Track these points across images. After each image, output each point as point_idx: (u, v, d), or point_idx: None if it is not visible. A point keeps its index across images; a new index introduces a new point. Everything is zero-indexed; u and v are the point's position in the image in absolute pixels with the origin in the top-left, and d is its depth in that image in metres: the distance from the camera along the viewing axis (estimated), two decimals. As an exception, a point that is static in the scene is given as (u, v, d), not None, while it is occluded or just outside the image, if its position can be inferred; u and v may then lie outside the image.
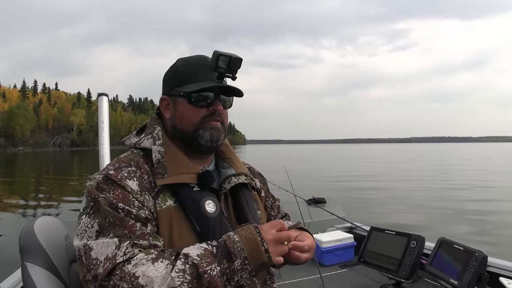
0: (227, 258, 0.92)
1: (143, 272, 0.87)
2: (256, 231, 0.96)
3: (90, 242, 0.94)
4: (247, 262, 0.93)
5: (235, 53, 1.06)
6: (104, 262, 0.90)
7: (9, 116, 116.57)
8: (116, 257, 0.90)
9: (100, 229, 0.94)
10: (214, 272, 0.90)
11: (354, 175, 21.65)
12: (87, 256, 0.93)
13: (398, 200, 12.04)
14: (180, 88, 1.11)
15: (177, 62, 1.16)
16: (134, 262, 0.90)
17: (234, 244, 0.94)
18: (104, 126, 2.11)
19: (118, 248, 0.91)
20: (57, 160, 49.77)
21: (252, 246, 0.94)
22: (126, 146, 1.20)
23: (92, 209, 0.97)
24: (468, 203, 11.23)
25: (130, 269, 0.88)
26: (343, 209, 3.18)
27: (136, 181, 1.02)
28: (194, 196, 1.05)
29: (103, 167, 1.09)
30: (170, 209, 1.02)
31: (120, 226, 0.94)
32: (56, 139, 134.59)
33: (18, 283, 1.77)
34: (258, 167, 1.40)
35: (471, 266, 1.94)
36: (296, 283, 2.43)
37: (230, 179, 1.15)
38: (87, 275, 0.91)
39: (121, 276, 0.88)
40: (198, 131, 1.10)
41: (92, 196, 0.98)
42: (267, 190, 1.36)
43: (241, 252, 0.93)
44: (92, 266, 0.91)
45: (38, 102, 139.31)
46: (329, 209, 2.33)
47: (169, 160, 1.07)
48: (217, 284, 0.90)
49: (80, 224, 0.97)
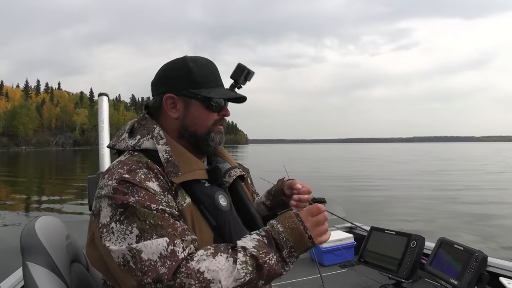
0: (277, 248, 0.97)
1: (207, 267, 0.88)
2: (298, 219, 1.00)
3: (137, 245, 0.90)
4: (293, 250, 0.98)
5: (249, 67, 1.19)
6: (163, 261, 0.88)
7: (12, 115, 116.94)
8: (177, 254, 0.90)
9: (140, 233, 0.91)
10: (272, 261, 0.94)
11: (354, 175, 21.64)
12: (137, 259, 0.89)
13: (398, 200, 12.03)
14: (197, 90, 1.10)
15: (187, 61, 1.13)
16: (196, 258, 0.90)
17: (279, 235, 0.98)
18: (104, 126, 2.12)
19: (173, 245, 0.90)
20: (60, 160, 49.89)
21: (296, 235, 0.98)
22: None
23: (124, 215, 0.93)
24: (468, 203, 11.21)
25: (194, 265, 0.89)
26: (343, 209, 3.18)
27: (155, 182, 1.00)
28: (208, 191, 1.09)
29: (104, 169, 1.08)
30: (190, 206, 1.04)
31: (162, 225, 0.92)
32: (59, 138, 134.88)
33: (19, 282, 1.76)
34: (260, 167, 1.43)
35: (471, 266, 1.94)
36: (296, 283, 2.43)
37: (229, 172, 1.20)
38: (145, 279, 0.87)
39: (187, 273, 0.87)
40: (210, 134, 1.14)
41: (119, 202, 0.94)
42: (250, 178, 1.43)
43: (287, 243, 0.97)
44: (148, 268, 0.88)
45: (41, 102, 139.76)
46: (329, 209, 2.33)
47: (177, 158, 1.08)
48: (275, 271, 0.95)
49: (114, 234, 0.93)
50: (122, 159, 1.06)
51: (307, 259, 2.87)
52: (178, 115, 1.12)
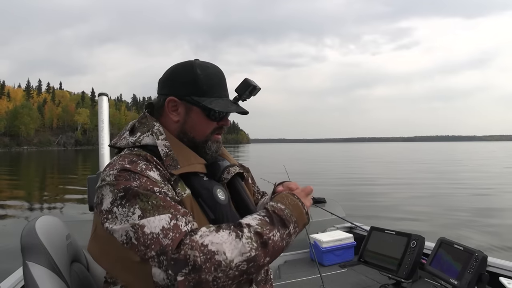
0: (281, 225, 0.99)
1: (210, 241, 0.88)
2: (295, 197, 1.07)
3: (139, 221, 0.89)
4: (296, 225, 1.02)
5: (255, 81, 1.17)
6: (165, 233, 0.87)
7: (13, 115, 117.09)
8: (180, 227, 0.90)
9: (143, 213, 0.91)
10: (276, 238, 0.96)
11: (355, 175, 21.60)
12: (140, 234, 0.88)
13: (398, 199, 11.99)
14: (200, 98, 1.12)
15: (195, 67, 1.14)
16: (199, 233, 0.90)
17: (283, 211, 1.01)
18: (104, 125, 2.13)
19: (176, 219, 0.91)
20: (61, 159, 49.95)
21: (298, 211, 1.04)
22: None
23: (126, 198, 0.93)
24: (468, 203, 11.18)
25: (197, 239, 0.88)
26: (343, 209, 3.18)
27: (156, 172, 1.02)
28: (206, 184, 1.10)
29: (104, 166, 1.08)
30: (190, 198, 1.06)
31: (164, 206, 0.93)
32: (60, 138, 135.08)
33: (19, 282, 1.77)
34: (260, 167, 1.44)
35: (471, 266, 1.94)
36: (296, 283, 2.43)
37: (228, 169, 1.21)
38: (148, 252, 0.87)
39: (191, 245, 0.86)
40: (208, 142, 1.17)
41: (121, 187, 0.95)
42: (252, 177, 1.45)
43: (291, 218, 1.01)
44: (150, 242, 0.87)
45: (42, 102, 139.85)
46: (329, 209, 2.34)
47: (176, 152, 1.10)
48: (279, 248, 0.97)
49: (118, 217, 0.92)
50: (122, 154, 1.09)
51: (307, 259, 2.87)
52: (178, 119, 1.15)
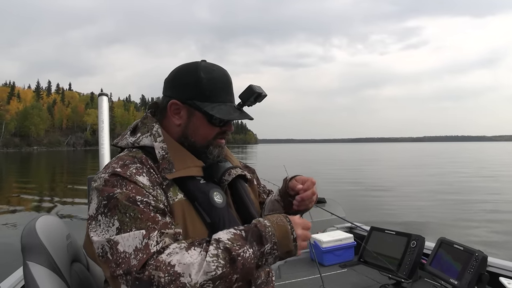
0: (257, 241, 0.94)
1: (178, 260, 0.88)
2: (286, 219, 1.00)
3: (115, 237, 0.91)
4: (276, 247, 0.96)
5: (262, 88, 1.13)
6: (135, 253, 0.89)
7: (24, 116, 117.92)
8: (149, 247, 0.90)
9: (120, 226, 0.92)
10: (246, 254, 0.91)
11: (355, 174, 21.52)
12: (113, 251, 0.90)
13: (398, 199, 11.92)
14: (202, 103, 1.10)
15: (199, 70, 1.12)
16: (168, 251, 0.90)
17: (266, 228, 0.97)
18: (104, 126, 2.12)
19: (148, 238, 0.91)
20: (70, 160, 50.34)
21: (282, 232, 0.97)
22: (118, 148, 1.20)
23: (107, 207, 0.95)
24: (468, 203, 11.09)
25: (164, 258, 0.88)
26: (343, 209, 3.18)
27: (146, 177, 1.02)
28: (203, 188, 1.09)
29: (103, 167, 1.09)
30: (182, 202, 1.05)
31: (142, 219, 0.93)
32: (70, 138, 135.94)
33: (19, 282, 1.76)
34: (266, 168, 1.45)
35: (471, 266, 1.93)
36: (296, 283, 2.43)
37: (229, 171, 1.19)
38: (117, 270, 0.89)
39: (156, 266, 0.87)
40: (209, 147, 1.15)
41: (105, 194, 0.96)
42: (257, 178, 1.43)
43: (272, 237, 0.96)
44: (122, 260, 0.89)
45: (52, 102, 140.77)
46: (329, 209, 2.34)
47: (173, 155, 1.10)
48: (250, 265, 0.92)
49: (100, 226, 0.95)
50: (120, 155, 1.10)
51: (307, 259, 2.88)
52: (180, 122, 1.14)
